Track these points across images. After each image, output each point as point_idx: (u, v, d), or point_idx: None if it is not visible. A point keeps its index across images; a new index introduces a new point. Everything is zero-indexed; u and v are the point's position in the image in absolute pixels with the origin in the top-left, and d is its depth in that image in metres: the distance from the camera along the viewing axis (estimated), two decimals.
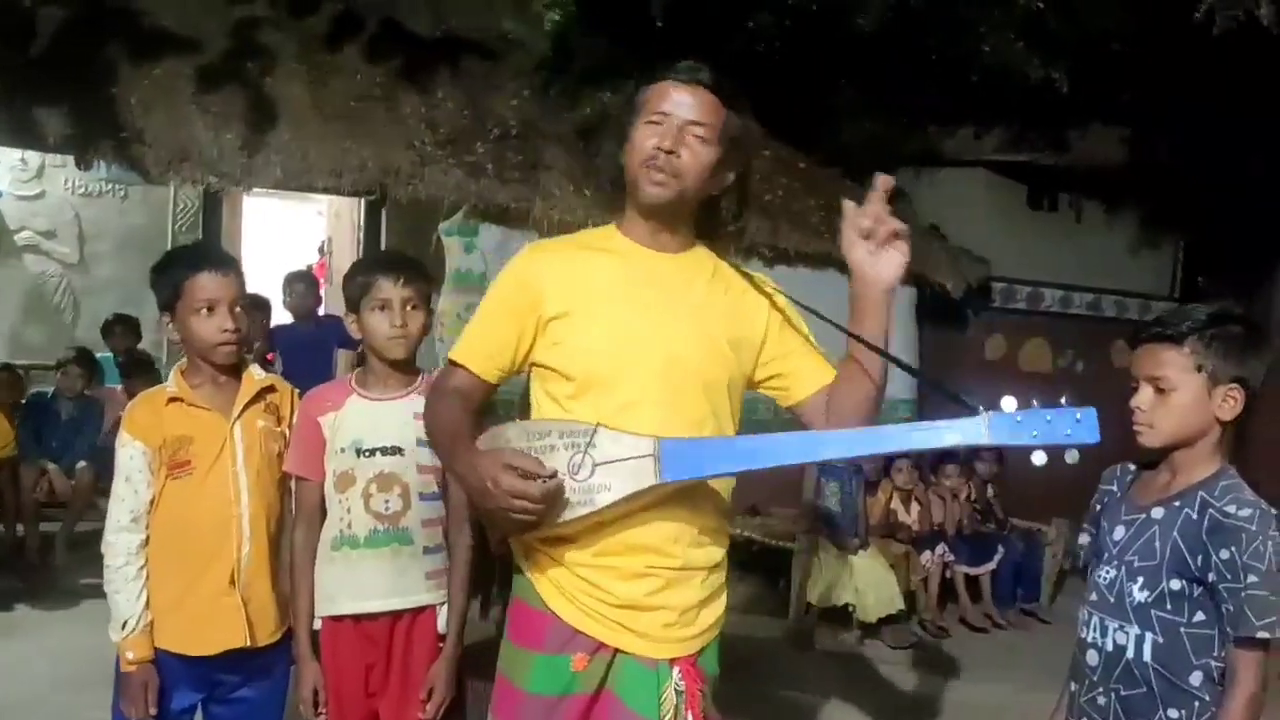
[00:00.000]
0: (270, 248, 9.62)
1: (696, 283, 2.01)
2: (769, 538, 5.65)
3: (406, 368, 2.54)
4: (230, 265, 2.46)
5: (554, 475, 1.80)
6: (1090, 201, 8.87)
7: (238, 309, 2.43)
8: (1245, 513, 1.85)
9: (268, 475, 2.49)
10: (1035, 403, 1.90)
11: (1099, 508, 2.14)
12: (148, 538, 2.39)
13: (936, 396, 2.27)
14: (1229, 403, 1.92)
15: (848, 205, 1.86)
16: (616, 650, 1.94)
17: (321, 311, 6.76)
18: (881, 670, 5.23)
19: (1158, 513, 1.97)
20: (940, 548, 5.93)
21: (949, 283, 7.56)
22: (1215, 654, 1.88)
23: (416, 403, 2.51)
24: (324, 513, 2.51)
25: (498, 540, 2.78)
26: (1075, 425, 1.66)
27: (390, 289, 2.45)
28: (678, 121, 1.91)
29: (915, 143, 8.34)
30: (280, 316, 6.49)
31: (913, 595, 5.80)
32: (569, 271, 1.99)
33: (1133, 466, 2.12)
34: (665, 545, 1.93)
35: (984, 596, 6.08)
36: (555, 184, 6.14)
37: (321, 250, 9.66)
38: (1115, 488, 2.13)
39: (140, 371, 6.14)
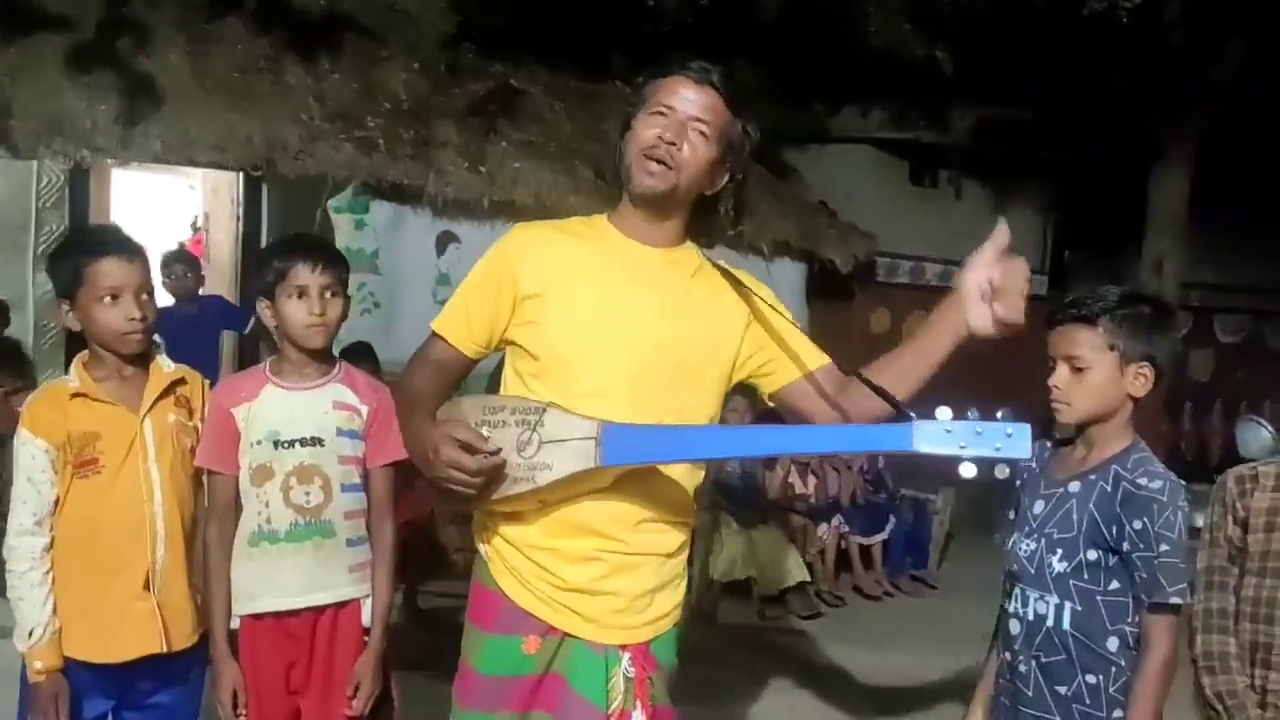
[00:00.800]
0: (140, 224, 9.18)
1: (677, 278, 2.00)
2: None
3: (324, 356, 2.46)
4: (136, 251, 2.33)
5: (497, 452, 1.82)
6: (969, 179, 9.17)
7: (144, 296, 2.32)
8: (1156, 484, 1.93)
9: (181, 472, 2.38)
10: (972, 412, 1.92)
11: (1018, 483, 2.21)
12: (53, 540, 2.26)
13: None
14: (1140, 380, 2.00)
15: (1002, 229, 1.81)
16: (566, 634, 1.95)
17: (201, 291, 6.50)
18: (786, 641, 5.35)
19: (1074, 486, 2.05)
20: (836, 519, 6.09)
21: (837, 258, 7.72)
22: (1129, 620, 1.96)
23: (335, 391, 2.44)
24: (239, 508, 2.42)
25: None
26: (1006, 440, 1.61)
27: (308, 275, 2.36)
28: (682, 116, 1.92)
29: (804, 121, 8.47)
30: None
31: (810, 566, 5.93)
32: (549, 253, 1.99)
33: (1049, 443, 2.20)
34: (611, 528, 1.94)
35: (876, 565, 6.27)
36: (450, 161, 6.03)
37: (195, 227, 9.26)
38: (1034, 463, 2.19)
39: (8, 362, 5.78)
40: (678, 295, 1.99)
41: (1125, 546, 1.93)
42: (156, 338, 2.46)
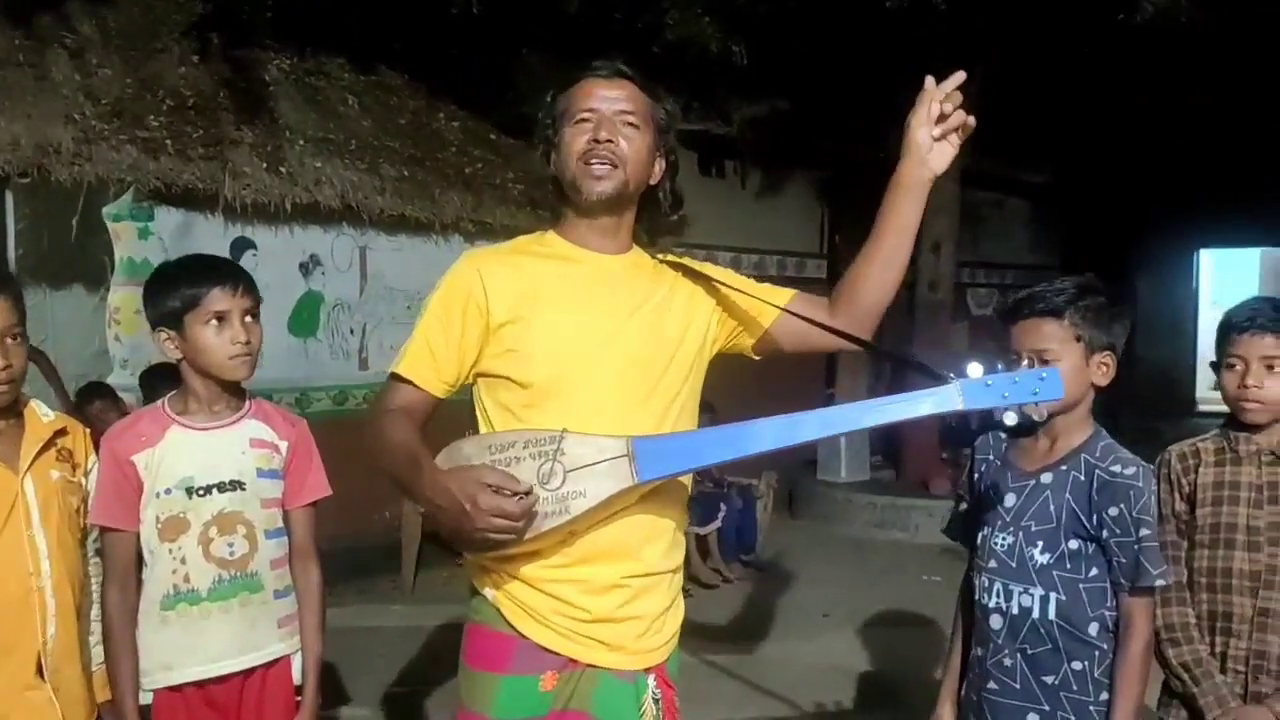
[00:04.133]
0: None
1: (641, 281, 1.98)
2: None
3: (237, 389, 2.20)
4: (6, 286, 2.00)
5: (529, 490, 1.73)
6: (754, 170, 9.42)
7: (10, 340, 2.00)
8: (1130, 470, 1.99)
9: (70, 536, 2.07)
10: (1001, 366, 2.00)
11: (977, 477, 2.23)
12: None
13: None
14: (1102, 369, 2.06)
15: (930, 81, 1.88)
16: (589, 665, 1.88)
17: None
18: None
19: (1047, 478, 2.08)
20: None
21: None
22: (1108, 605, 2.01)
23: (251, 428, 2.21)
24: (140, 568, 2.13)
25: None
26: (1040, 383, 1.72)
27: (227, 299, 2.10)
28: (608, 114, 1.89)
29: None
30: None
31: None
32: (514, 276, 1.91)
33: (1003, 435, 2.21)
34: (638, 549, 1.89)
35: (712, 553, 6.34)
36: (246, 161, 5.58)
37: None
38: (992, 456, 2.21)
39: None
40: (647, 297, 1.96)
41: (1104, 534, 1.98)
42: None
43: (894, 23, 6.33)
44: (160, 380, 3.31)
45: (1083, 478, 2.03)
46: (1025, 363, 2.05)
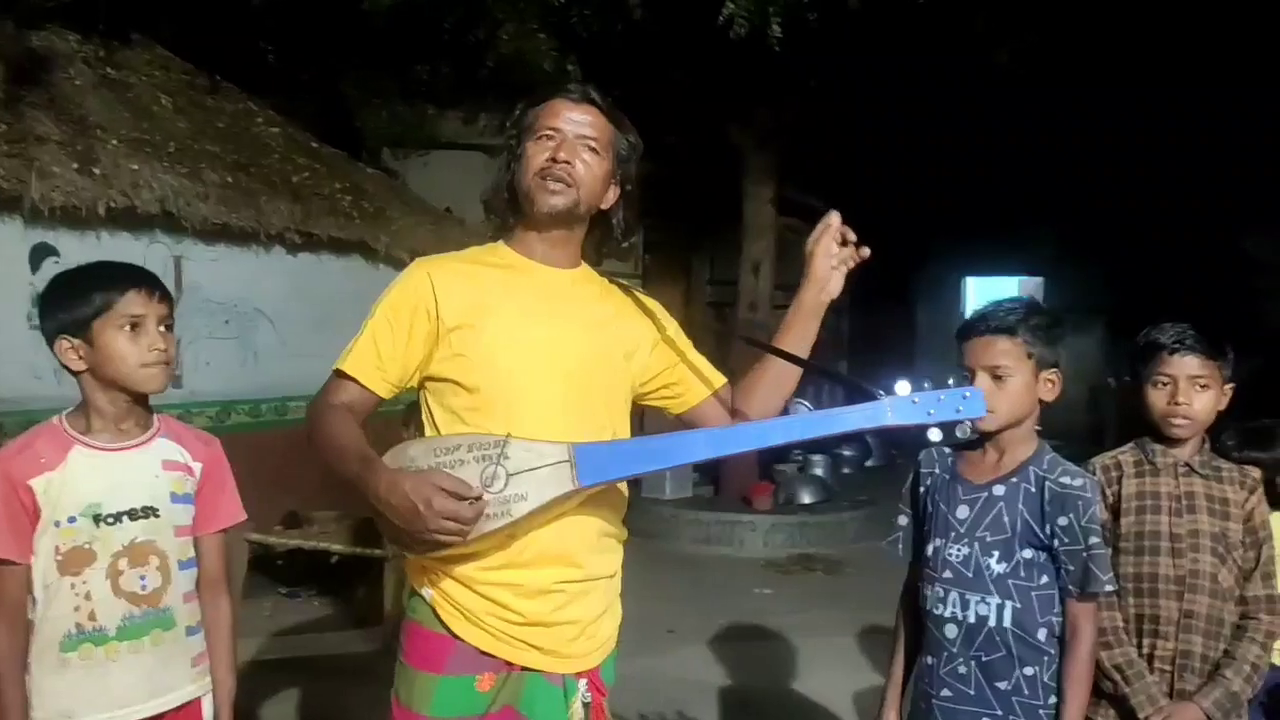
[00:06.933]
0: None
1: (589, 297, 2.05)
2: (350, 545, 5.31)
3: (144, 405, 2.01)
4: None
5: (480, 495, 1.77)
6: None
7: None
8: (1078, 482, 2.10)
9: None
10: (927, 384, 2.06)
11: (922, 490, 2.29)
12: None
13: None
14: (1049, 385, 2.16)
15: (834, 215, 2.02)
16: (524, 668, 1.92)
17: None
18: None
19: (999, 490, 2.15)
20: None
21: None
22: (1055, 611, 2.10)
23: (163, 448, 2.04)
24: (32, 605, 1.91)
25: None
26: (964, 402, 1.79)
27: (143, 303, 1.94)
28: (570, 135, 1.96)
29: (424, 127, 8.26)
30: None
31: None
32: (466, 283, 1.96)
33: (948, 450, 2.28)
34: (575, 554, 1.93)
35: None
36: (54, 160, 5.12)
37: None
38: (939, 469, 2.27)
39: None
40: (594, 314, 2.02)
41: (1055, 543, 2.07)
42: None
43: (728, 52, 6.49)
44: None
45: (1033, 489, 2.11)
46: (979, 379, 2.13)
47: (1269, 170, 9.40)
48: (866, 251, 2.01)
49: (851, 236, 2.01)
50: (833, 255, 2.01)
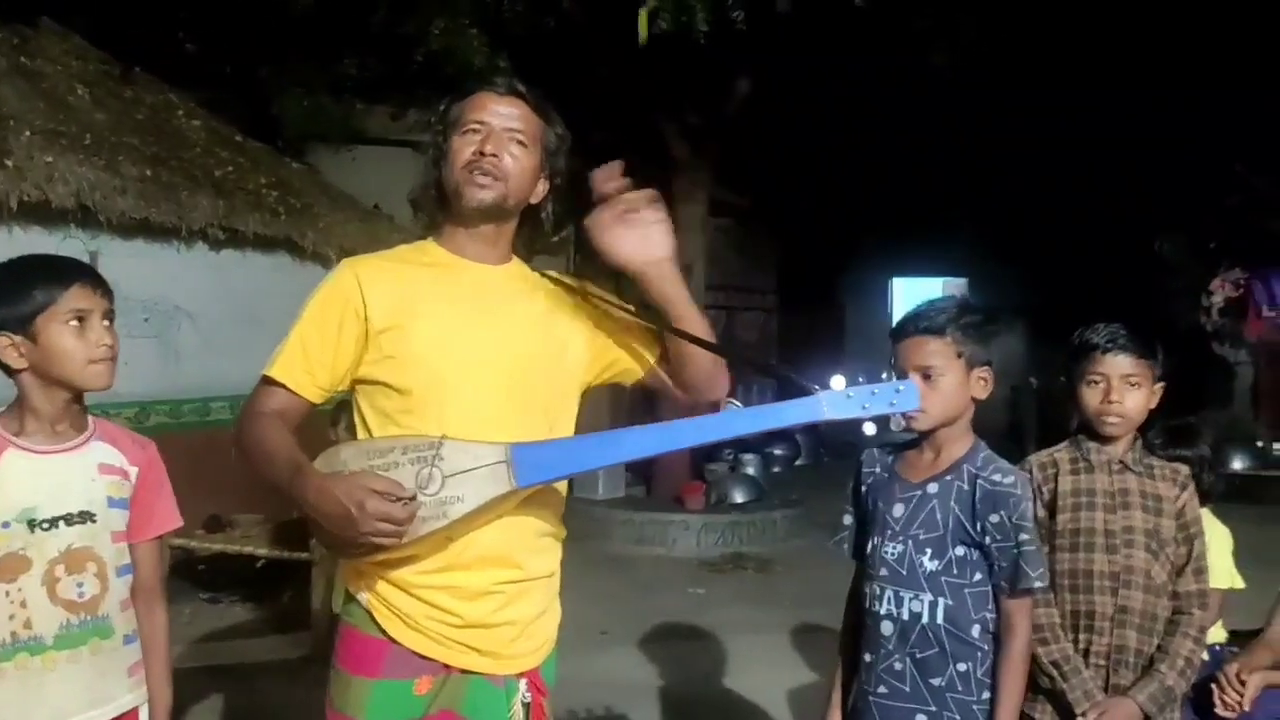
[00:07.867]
0: None
1: (521, 293, 2.00)
2: (274, 549, 5.20)
3: (82, 405, 1.94)
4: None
5: (414, 496, 1.74)
6: None
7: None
8: (1009, 480, 2.13)
9: None
10: (861, 378, 2.08)
11: (864, 489, 2.30)
12: None
13: None
14: (981, 383, 2.19)
15: (595, 175, 1.87)
16: (463, 670, 1.89)
17: None
18: None
19: (932, 488, 2.17)
20: None
21: None
22: (988, 608, 2.13)
23: (98, 451, 1.96)
24: None
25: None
26: (898, 395, 1.81)
27: (88, 298, 1.87)
28: (497, 128, 1.92)
29: (351, 121, 8.12)
30: None
31: None
32: (394, 284, 1.92)
33: (889, 448, 2.31)
34: (514, 554, 1.90)
35: None
36: None
37: None
38: (879, 469, 2.29)
39: None
40: (526, 310, 1.99)
41: (987, 540, 2.10)
42: None
43: (656, 51, 6.51)
44: None
45: (966, 487, 2.13)
46: (910, 378, 2.14)
47: (1181, 174, 9.73)
48: (652, 192, 1.89)
49: (607, 188, 1.87)
50: (604, 225, 1.86)
